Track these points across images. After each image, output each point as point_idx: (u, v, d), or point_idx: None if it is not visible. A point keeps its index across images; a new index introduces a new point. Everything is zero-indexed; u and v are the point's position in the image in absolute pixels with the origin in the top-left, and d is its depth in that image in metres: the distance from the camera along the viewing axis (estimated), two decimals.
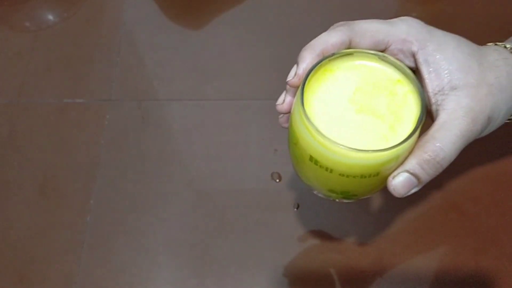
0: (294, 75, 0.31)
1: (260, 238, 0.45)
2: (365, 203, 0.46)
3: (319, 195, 0.35)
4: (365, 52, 0.31)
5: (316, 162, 0.30)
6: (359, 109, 0.30)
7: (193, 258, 0.44)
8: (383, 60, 0.31)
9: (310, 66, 0.31)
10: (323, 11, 0.60)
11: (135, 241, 0.45)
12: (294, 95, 0.33)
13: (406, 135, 0.28)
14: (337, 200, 0.37)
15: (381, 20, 0.32)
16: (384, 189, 0.31)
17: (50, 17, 0.61)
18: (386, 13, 0.60)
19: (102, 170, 0.49)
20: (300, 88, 0.30)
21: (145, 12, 0.61)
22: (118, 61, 0.57)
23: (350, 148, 0.27)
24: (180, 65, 0.56)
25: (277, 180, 0.48)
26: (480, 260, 0.43)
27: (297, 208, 0.46)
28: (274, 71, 0.55)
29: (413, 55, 0.32)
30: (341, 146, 0.27)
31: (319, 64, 0.30)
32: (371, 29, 0.31)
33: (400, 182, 0.29)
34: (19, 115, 0.53)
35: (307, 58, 0.31)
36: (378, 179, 0.30)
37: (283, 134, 0.50)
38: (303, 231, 0.45)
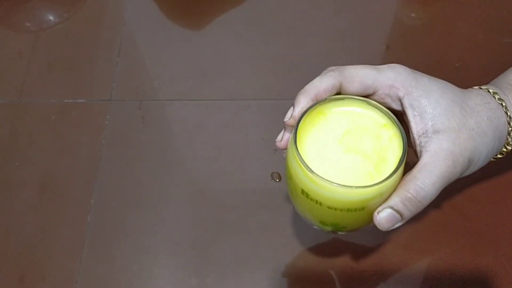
0: (290, 116, 0.34)
1: (260, 238, 0.45)
2: None
3: (314, 227, 0.37)
4: (355, 98, 0.34)
5: (307, 195, 0.32)
6: (347, 149, 0.33)
7: (193, 258, 0.44)
8: (371, 105, 0.34)
9: (304, 109, 0.33)
10: (322, 12, 0.60)
11: (135, 240, 0.45)
12: (290, 133, 0.35)
13: (388, 174, 0.31)
14: (329, 233, 0.40)
15: (370, 66, 0.35)
16: None
17: (51, 17, 0.61)
18: (386, 14, 0.60)
19: (102, 170, 0.49)
20: (294, 128, 0.33)
21: (145, 13, 0.61)
22: (118, 61, 0.57)
23: (337, 184, 0.30)
24: (180, 65, 0.56)
25: (277, 180, 0.48)
26: (480, 260, 0.43)
27: None
28: (274, 71, 0.55)
29: (400, 100, 0.34)
30: (327, 182, 0.30)
31: (313, 107, 0.33)
32: (360, 74, 0.34)
33: (384, 217, 0.32)
34: (19, 115, 0.53)
35: (301, 101, 0.33)
36: (364, 213, 0.33)
37: None
38: (303, 231, 0.45)
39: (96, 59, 0.57)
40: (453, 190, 0.46)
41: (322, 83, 0.34)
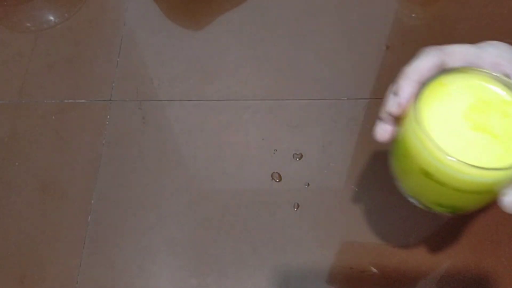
0: (396, 106, 0.31)
1: (260, 238, 0.45)
2: (365, 203, 0.46)
3: (420, 206, 0.35)
4: (479, 70, 0.31)
5: (429, 176, 0.30)
6: (474, 127, 0.30)
7: (194, 258, 0.44)
8: (495, 79, 0.31)
9: (409, 94, 0.31)
10: (322, 12, 0.60)
11: (136, 240, 0.45)
12: (393, 124, 0.33)
13: None
14: (442, 213, 0.37)
15: (470, 44, 0.32)
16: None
17: (51, 17, 0.61)
18: (386, 14, 0.60)
19: (103, 170, 0.49)
20: (413, 104, 0.30)
21: (145, 13, 0.61)
22: (118, 62, 0.57)
23: (472, 165, 0.27)
24: (180, 65, 0.56)
25: (277, 180, 0.48)
26: (480, 260, 0.43)
27: (297, 208, 0.46)
28: (274, 71, 0.55)
29: (508, 77, 0.31)
30: (461, 164, 0.28)
31: (433, 79, 0.31)
32: (462, 51, 0.32)
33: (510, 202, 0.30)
34: (20, 115, 0.53)
35: (405, 88, 0.31)
36: (490, 196, 0.31)
37: (283, 134, 0.51)
38: (303, 231, 0.45)
39: (96, 59, 0.57)
40: None
41: (425, 63, 0.31)
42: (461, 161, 0.27)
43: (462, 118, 0.30)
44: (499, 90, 0.31)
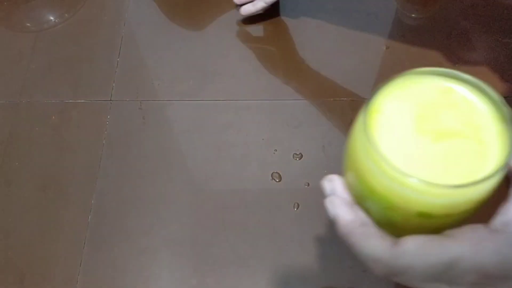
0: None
1: (260, 238, 0.45)
2: None
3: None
4: (407, 78, 0.28)
5: (428, 217, 0.26)
6: (435, 138, 0.26)
7: (194, 258, 0.44)
8: (423, 74, 0.28)
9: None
10: (322, 12, 0.60)
11: (136, 240, 0.45)
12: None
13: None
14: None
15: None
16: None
17: (51, 17, 0.61)
18: (386, 14, 0.60)
19: (103, 170, 0.49)
20: (362, 133, 0.26)
21: (145, 13, 0.61)
22: (118, 62, 0.57)
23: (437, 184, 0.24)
24: (180, 65, 0.56)
25: (277, 180, 0.48)
26: None
27: (297, 208, 0.46)
28: (274, 72, 0.55)
29: None
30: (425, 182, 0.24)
31: (368, 110, 0.27)
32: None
33: None
34: (20, 115, 0.53)
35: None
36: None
37: (283, 134, 0.51)
38: (303, 231, 0.45)
39: (96, 60, 0.57)
40: None
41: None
42: (424, 180, 0.24)
43: (416, 135, 0.27)
44: (434, 84, 0.28)
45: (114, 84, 0.55)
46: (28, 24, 0.61)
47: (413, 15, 0.60)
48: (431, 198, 0.25)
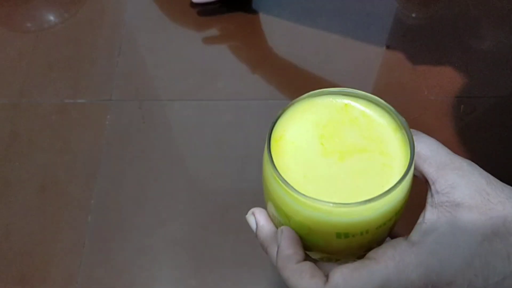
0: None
1: None
2: None
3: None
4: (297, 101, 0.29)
5: (347, 236, 0.26)
6: (340, 156, 0.27)
7: (193, 258, 0.44)
8: (315, 97, 0.29)
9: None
10: (322, 12, 0.60)
11: (135, 240, 0.45)
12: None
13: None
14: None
15: None
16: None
17: (51, 17, 0.61)
18: (386, 14, 0.60)
19: (103, 170, 0.49)
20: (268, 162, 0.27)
21: (145, 13, 0.61)
22: (118, 61, 0.57)
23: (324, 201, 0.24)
24: (180, 65, 0.56)
25: None
26: None
27: None
28: (273, 71, 0.55)
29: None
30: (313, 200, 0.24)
31: (271, 139, 0.27)
32: None
33: None
34: (20, 115, 0.53)
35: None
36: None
37: None
38: None
39: (96, 59, 0.57)
40: None
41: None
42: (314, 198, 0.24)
43: (321, 157, 0.27)
44: (331, 103, 0.28)
45: (114, 84, 0.55)
46: (28, 24, 0.61)
47: (413, 15, 0.60)
48: (345, 218, 0.25)
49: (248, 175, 0.48)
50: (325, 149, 0.27)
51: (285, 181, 0.25)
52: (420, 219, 0.26)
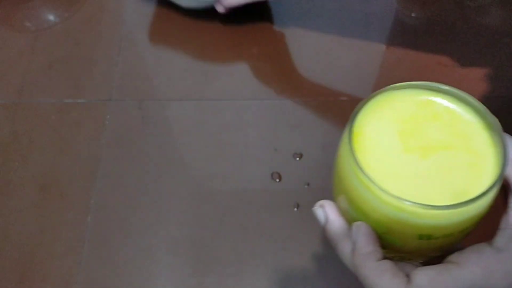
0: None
1: (260, 238, 0.45)
2: None
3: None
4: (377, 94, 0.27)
5: (429, 238, 0.25)
6: (423, 153, 0.25)
7: (193, 258, 0.44)
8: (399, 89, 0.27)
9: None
10: (322, 12, 0.60)
11: (135, 240, 0.45)
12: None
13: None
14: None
15: None
16: None
17: (51, 17, 0.61)
18: (386, 14, 0.60)
19: (102, 170, 0.49)
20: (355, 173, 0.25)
21: (145, 13, 0.61)
22: (118, 61, 0.57)
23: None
24: (180, 65, 0.56)
25: (277, 180, 0.48)
26: None
27: (297, 208, 0.46)
28: (274, 71, 0.55)
29: None
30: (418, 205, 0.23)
31: (348, 133, 0.26)
32: None
33: None
34: (19, 115, 0.53)
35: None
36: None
37: (283, 134, 0.51)
38: (303, 231, 0.45)
39: (96, 59, 0.57)
40: None
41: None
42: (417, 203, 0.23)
43: (403, 153, 0.25)
44: (412, 98, 0.27)
45: (113, 84, 0.55)
46: (28, 24, 0.61)
47: (413, 14, 0.60)
48: (430, 220, 0.24)
49: (248, 175, 0.48)
50: (406, 146, 0.26)
51: (370, 177, 0.24)
52: (503, 225, 0.25)
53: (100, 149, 0.50)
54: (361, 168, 0.24)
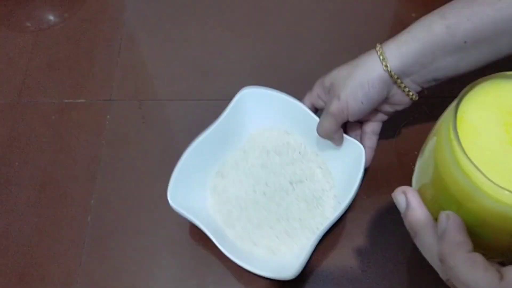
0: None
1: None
2: (364, 203, 0.46)
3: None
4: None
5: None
6: None
7: (193, 258, 0.44)
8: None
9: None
10: (322, 12, 0.60)
11: (135, 240, 0.45)
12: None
13: None
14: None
15: None
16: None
17: (51, 17, 0.61)
18: (386, 14, 0.60)
19: (102, 170, 0.49)
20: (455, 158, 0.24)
21: (145, 12, 0.61)
22: (118, 61, 0.57)
23: None
24: (180, 65, 0.56)
25: None
26: None
27: None
28: (274, 71, 0.55)
29: None
30: None
31: (451, 118, 0.25)
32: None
33: None
34: (20, 115, 0.53)
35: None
36: None
37: None
38: None
39: (96, 59, 0.57)
40: None
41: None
42: None
43: (508, 145, 0.24)
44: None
45: (114, 84, 0.55)
46: (28, 24, 0.61)
47: (413, 15, 0.60)
48: None
49: None
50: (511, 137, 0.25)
51: (474, 164, 0.22)
52: None
53: (100, 149, 0.50)
54: (466, 154, 0.23)
